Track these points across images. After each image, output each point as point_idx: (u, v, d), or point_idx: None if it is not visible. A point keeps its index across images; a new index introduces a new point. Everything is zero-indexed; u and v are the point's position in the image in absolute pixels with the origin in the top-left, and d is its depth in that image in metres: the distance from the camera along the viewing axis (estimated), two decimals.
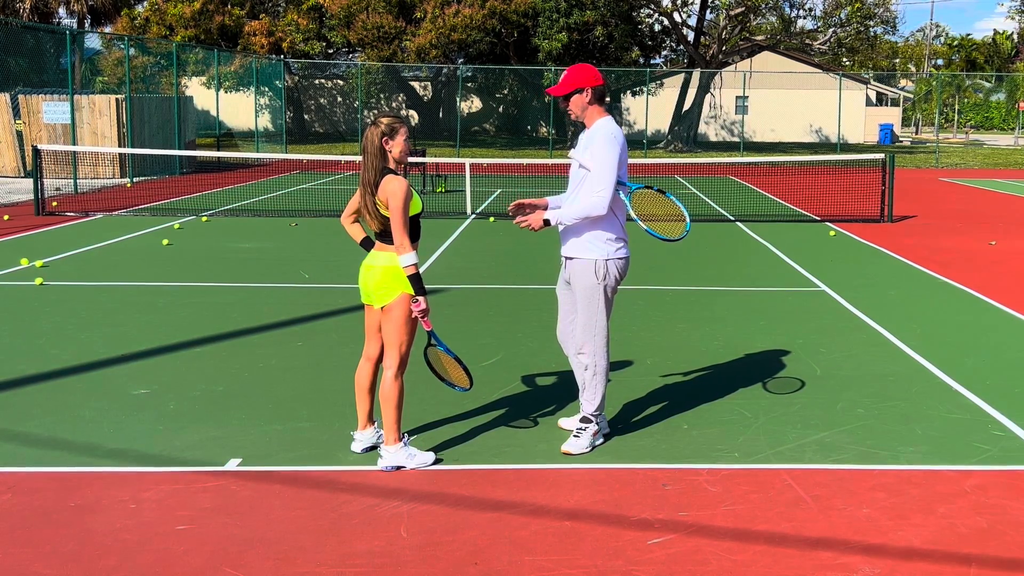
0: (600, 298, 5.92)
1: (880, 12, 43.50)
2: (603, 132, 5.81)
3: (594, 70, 5.94)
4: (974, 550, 4.73)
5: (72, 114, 23.35)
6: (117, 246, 14.02)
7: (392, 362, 5.56)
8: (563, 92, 5.92)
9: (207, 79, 33.89)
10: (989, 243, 15.23)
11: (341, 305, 9.95)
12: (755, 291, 11.21)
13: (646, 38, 46.90)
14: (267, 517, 4.98)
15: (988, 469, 5.76)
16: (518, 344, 8.54)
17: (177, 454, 5.82)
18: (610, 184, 5.74)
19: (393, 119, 5.56)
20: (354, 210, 5.81)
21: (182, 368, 7.69)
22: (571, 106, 5.95)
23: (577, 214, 5.80)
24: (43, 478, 5.48)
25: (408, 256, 5.43)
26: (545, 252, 13.84)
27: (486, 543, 4.72)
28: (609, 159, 5.74)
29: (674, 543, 4.75)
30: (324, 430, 6.24)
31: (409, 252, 5.44)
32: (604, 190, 5.73)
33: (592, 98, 5.91)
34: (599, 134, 5.81)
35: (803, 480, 5.54)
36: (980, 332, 9.27)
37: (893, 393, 7.19)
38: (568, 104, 5.96)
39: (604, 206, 5.74)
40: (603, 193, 5.73)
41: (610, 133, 5.80)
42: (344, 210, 5.91)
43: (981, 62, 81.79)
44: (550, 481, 5.49)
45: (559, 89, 5.95)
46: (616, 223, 5.91)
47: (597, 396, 5.98)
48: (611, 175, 5.74)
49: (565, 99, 5.95)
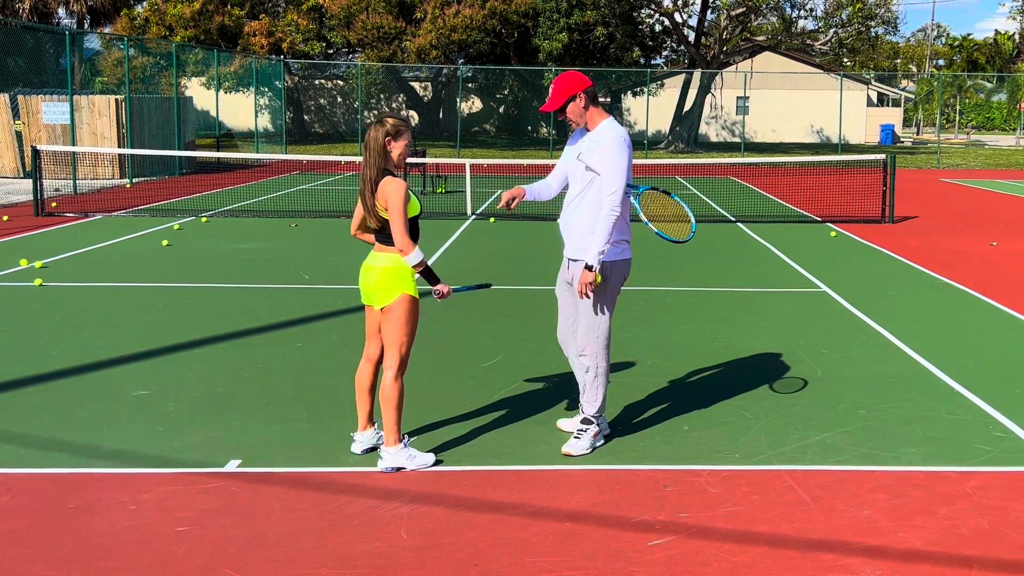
0: (603, 300, 5.90)
1: (881, 12, 43.47)
2: (612, 136, 5.80)
3: (578, 74, 5.97)
4: (976, 551, 4.72)
5: (71, 115, 23.34)
6: (116, 247, 14.01)
7: (392, 363, 5.55)
8: (558, 106, 5.92)
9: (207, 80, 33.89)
10: (990, 244, 15.22)
11: (341, 306, 9.94)
12: (756, 292, 11.20)
13: (647, 38, 46.89)
14: (267, 518, 4.97)
15: (989, 470, 5.75)
16: (518, 345, 8.52)
17: (177, 455, 5.81)
18: (621, 188, 5.74)
19: (399, 121, 5.54)
20: (360, 220, 5.80)
21: (182, 369, 7.68)
22: (569, 115, 5.96)
23: (605, 234, 5.73)
24: (42, 479, 5.47)
25: (413, 256, 5.43)
26: (545, 253, 13.84)
27: (486, 544, 4.71)
28: (620, 164, 5.75)
29: (675, 544, 4.74)
30: (324, 431, 6.23)
31: (413, 251, 5.43)
32: (616, 194, 5.73)
33: (587, 101, 5.90)
34: (608, 137, 5.80)
35: (804, 481, 5.53)
36: (981, 333, 9.26)
37: (894, 394, 7.18)
38: (566, 115, 5.95)
39: (618, 210, 5.74)
40: (615, 197, 5.74)
41: (619, 137, 5.80)
42: (352, 223, 5.88)
43: (982, 62, 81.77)
44: (551, 482, 5.48)
45: (552, 104, 5.95)
46: (622, 225, 5.90)
47: (598, 398, 5.97)
48: (622, 180, 5.75)
49: (561, 111, 5.95)
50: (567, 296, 6.16)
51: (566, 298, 6.17)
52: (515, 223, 17.28)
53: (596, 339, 5.92)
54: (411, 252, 5.43)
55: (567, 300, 6.17)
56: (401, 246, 5.44)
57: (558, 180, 6.21)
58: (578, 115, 5.92)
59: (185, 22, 41.64)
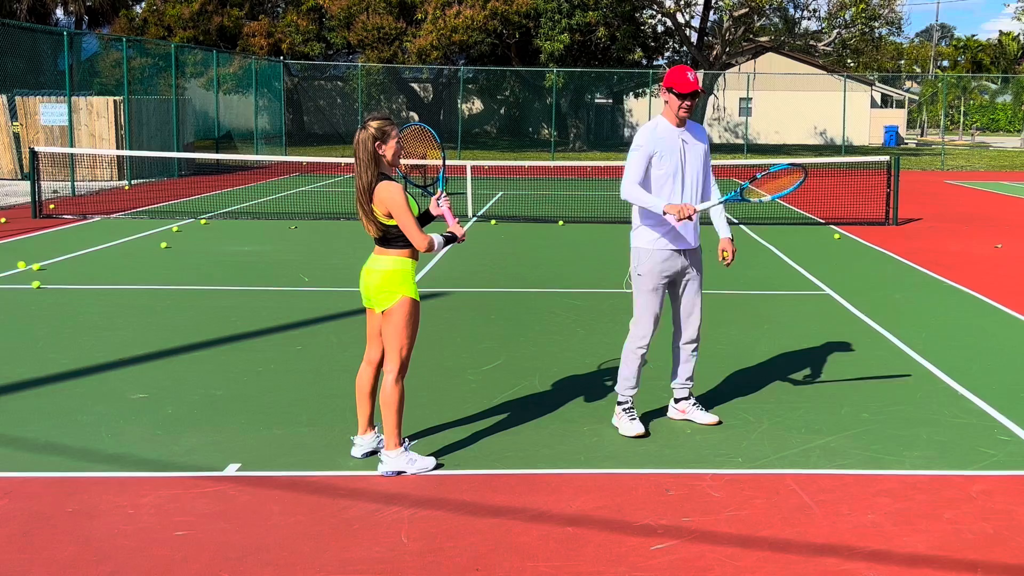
0: (636, 287, 6.32)
1: (885, 13, 43.41)
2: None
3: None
4: (980, 556, 4.69)
5: (70, 116, 23.27)
6: (115, 249, 13.98)
7: (393, 366, 5.52)
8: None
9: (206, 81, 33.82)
10: (995, 246, 15.17)
11: (341, 309, 9.91)
12: (759, 295, 11.16)
13: (649, 39, 46.82)
14: (266, 523, 4.94)
15: (994, 474, 5.72)
16: (520, 348, 8.49)
17: (175, 459, 5.78)
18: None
19: (383, 121, 5.46)
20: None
21: (181, 372, 7.64)
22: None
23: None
24: (40, 483, 5.44)
25: (435, 244, 5.44)
26: (545, 255, 13.82)
27: (487, 549, 4.68)
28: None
29: (677, 549, 4.71)
30: (324, 435, 6.20)
31: (429, 240, 5.43)
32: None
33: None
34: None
35: (807, 485, 5.49)
36: (986, 336, 9.22)
37: (898, 397, 7.14)
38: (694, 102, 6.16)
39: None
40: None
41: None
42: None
43: (987, 63, 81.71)
44: (552, 486, 5.45)
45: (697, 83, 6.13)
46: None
47: (619, 377, 6.36)
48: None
49: (693, 96, 6.11)
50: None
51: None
52: (516, 225, 17.25)
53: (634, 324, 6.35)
54: (428, 243, 5.41)
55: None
56: (420, 246, 5.41)
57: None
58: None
59: (184, 23, 41.63)
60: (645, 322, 6.29)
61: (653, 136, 6.15)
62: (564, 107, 43.70)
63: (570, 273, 12.32)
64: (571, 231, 16.61)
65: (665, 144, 6.15)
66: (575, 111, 44.52)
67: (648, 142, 6.14)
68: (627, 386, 6.34)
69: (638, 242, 6.32)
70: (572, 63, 42.02)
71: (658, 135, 6.16)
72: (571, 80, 42.32)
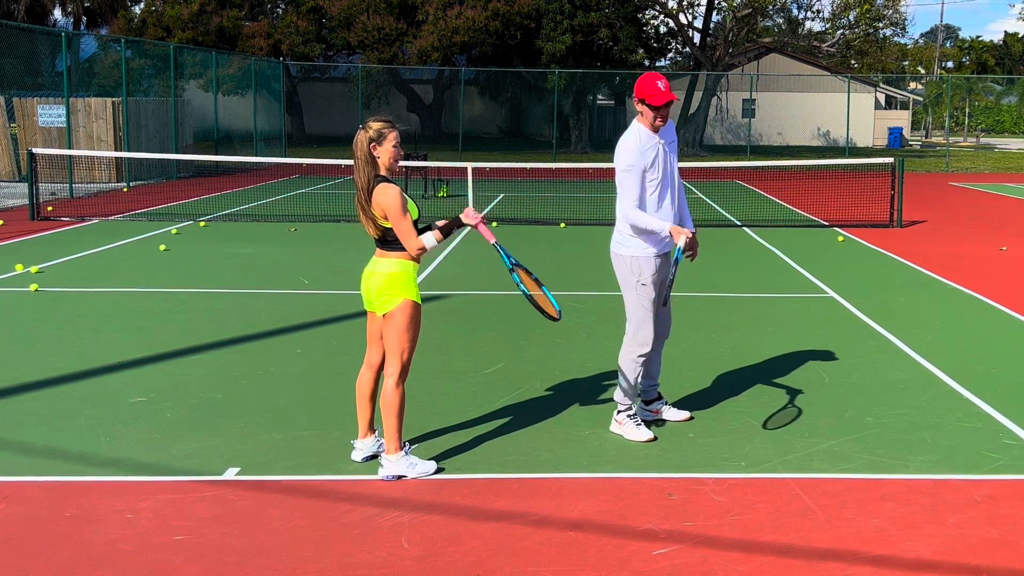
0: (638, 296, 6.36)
1: (889, 14, 43.36)
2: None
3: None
4: (984, 561, 4.66)
5: (68, 117, 23.17)
6: (113, 251, 13.95)
7: (393, 369, 5.48)
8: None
9: (205, 82, 33.75)
10: (1000, 248, 15.12)
11: (341, 311, 9.88)
12: (762, 297, 11.12)
13: (651, 40, 46.85)
14: (266, 527, 4.91)
15: (999, 479, 5.68)
16: (521, 352, 8.46)
17: (174, 463, 5.75)
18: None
19: (383, 123, 5.41)
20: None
21: (179, 375, 7.61)
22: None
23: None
24: (38, 487, 5.41)
25: (427, 243, 5.40)
26: (546, 257, 13.79)
27: (488, 554, 4.65)
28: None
29: (680, 554, 4.68)
30: (324, 439, 6.16)
31: (422, 244, 5.39)
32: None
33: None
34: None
35: (811, 489, 5.46)
36: (991, 339, 9.18)
37: (902, 401, 7.11)
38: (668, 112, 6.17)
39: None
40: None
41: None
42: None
43: (992, 64, 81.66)
44: (553, 491, 5.42)
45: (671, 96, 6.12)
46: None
47: (620, 387, 6.31)
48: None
49: (667, 106, 6.11)
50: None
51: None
52: (517, 227, 17.23)
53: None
54: (420, 248, 5.37)
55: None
56: (411, 250, 5.38)
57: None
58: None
59: (183, 23, 41.57)
60: (648, 330, 6.25)
61: (640, 151, 6.13)
62: (566, 108, 43.67)
63: (572, 275, 12.28)
64: (573, 233, 16.58)
65: (651, 155, 6.16)
66: (577, 112, 44.48)
67: (639, 160, 6.12)
68: (629, 396, 6.30)
69: (635, 251, 6.29)
70: (574, 64, 42.01)
71: (643, 148, 6.14)
72: (573, 81, 42.28)
